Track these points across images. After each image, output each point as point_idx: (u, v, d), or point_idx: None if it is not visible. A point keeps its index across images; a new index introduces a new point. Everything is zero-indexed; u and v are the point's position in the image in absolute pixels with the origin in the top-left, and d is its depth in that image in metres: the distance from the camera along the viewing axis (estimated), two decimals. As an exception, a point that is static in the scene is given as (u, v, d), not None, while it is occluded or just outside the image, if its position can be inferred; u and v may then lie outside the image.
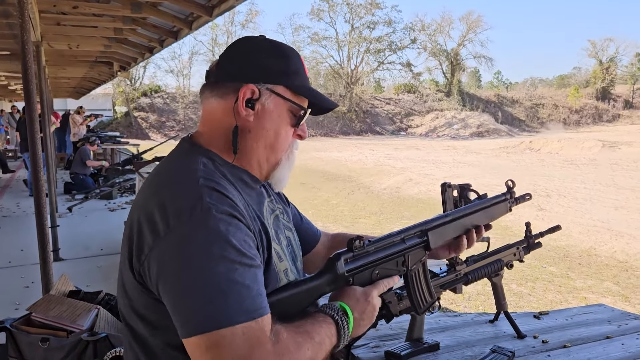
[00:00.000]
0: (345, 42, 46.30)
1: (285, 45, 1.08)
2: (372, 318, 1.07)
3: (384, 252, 1.14)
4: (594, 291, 5.49)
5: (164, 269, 0.88)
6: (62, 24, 5.77)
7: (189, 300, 0.85)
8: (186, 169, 0.97)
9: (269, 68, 1.03)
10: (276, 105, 1.04)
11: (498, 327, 1.73)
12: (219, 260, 0.85)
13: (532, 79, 67.72)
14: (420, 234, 1.23)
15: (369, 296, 1.06)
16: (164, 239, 0.88)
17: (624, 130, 37.36)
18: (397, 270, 1.17)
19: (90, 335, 1.83)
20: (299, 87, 1.06)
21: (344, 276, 1.05)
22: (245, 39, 1.08)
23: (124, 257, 0.98)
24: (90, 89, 16.37)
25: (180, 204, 0.90)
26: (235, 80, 1.02)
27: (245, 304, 0.85)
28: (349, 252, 1.07)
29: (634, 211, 9.50)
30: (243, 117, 1.02)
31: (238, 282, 0.85)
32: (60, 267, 4.60)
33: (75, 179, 9.04)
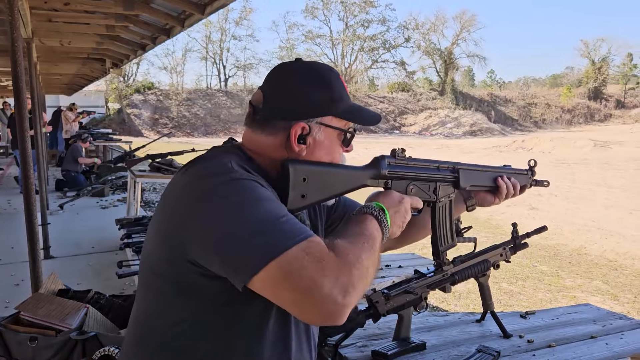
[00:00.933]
0: (339, 40, 46.32)
1: (325, 70, 1.11)
2: (404, 219, 1.14)
3: (420, 170, 1.25)
4: (584, 290, 5.54)
5: (211, 222, 0.90)
6: (54, 20, 5.73)
7: (246, 237, 0.87)
8: (220, 157, 1.01)
9: (316, 102, 1.07)
10: (326, 135, 1.09)
11: (485, 326, 1.75)
12: (261, 199, 0.91)
13: (525, 78, 68.03)
14: (453, 169, 1.33)
15: (403, 199, 1.15)
16: (202, 198, 0.92)
17: (615, 129, 37.62)
18: (428, 195, 1.28)
19: (79, 334, 1.83)
20: (345, 113, 1.10)
21: (384, 176, 1.18)
22: (286, 68, 1.11)
23: (164, 250, 0.98)
24: (83, 85, 16.25)
25: (212, 172, 0.95)
26: (284, 119, 1.06)
27: (297, 227, 0.89)
28: (392, 157, 1.20)
29: (624, 211, 9.58)
30: (297, 152, 1.06)
31: (284, 213, 0.91)
32: (51, 265, 4.59)
33: (66, 176, 8.99)
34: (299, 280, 0.83)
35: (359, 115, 1.13)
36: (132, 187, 5.96)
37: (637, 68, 53.13)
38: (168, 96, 40.15)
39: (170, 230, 0.96)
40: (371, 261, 0.94)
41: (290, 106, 1.06)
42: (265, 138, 1.07)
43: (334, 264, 0.86)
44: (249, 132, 1.10)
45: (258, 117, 1.08)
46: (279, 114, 1.06)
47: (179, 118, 38.35)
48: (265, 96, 1.08)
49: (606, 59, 51.40)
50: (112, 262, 4.37)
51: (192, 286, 0.96)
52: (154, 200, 9.45)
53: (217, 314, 0.97)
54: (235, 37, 47.63)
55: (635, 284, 5.72)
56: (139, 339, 1.05)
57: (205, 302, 0.97)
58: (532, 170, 1.58)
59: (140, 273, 1.10)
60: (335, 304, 0.83)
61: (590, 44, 51.96)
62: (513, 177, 1.50)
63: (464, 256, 1.66)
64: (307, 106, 1.06)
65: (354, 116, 1.12)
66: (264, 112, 1.07)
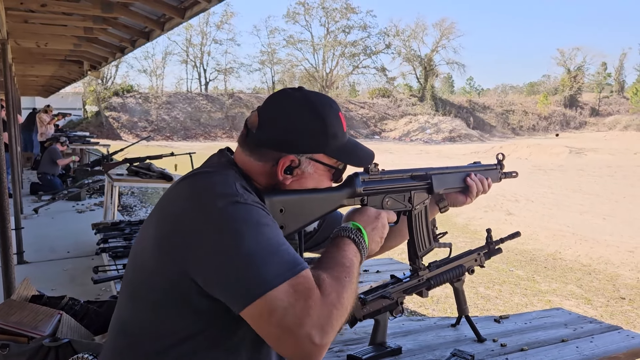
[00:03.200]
0: (320, 46, 46.48)
1: (324, 105, 1.10)
2: (382, 234, 1.16)
3: (394, 182, 1.27)
4: (558, 294, 5.64)
5: (210, 255, 0.90)
6: (30, 21, 5.64)
7: (239, 272, 0.88)
8: (223, 178, 1.01)
9: (309, 137, 1.07)
10: (316, 169, 1.10)
11: (460, 331, 1.78)
12: (257, 229, 0.91)
13: (503, 85, 69.20)
14: (425, 176, 1.36)
15: (379, 215, 1.16)
16: (207, 220, 0.92)
17: (590, 137, 38.44)
18: (403, 205, 1.31)
19: (52, 341, 1.80)
20: (337, 152, 1.11)
21: (360, 194, 1.19)
22: (285, 95, 1.11)
23: (157, 262, 0.97)
24: (60, 87, 16.00)
25: (218, 193, 0.95)
26: (275, 149, 1.06)
27: (289, 259, 0.91)
28: (365, 174, 1.21)
29: (598, 216, 9.79)
30: (281, 181, 1.08)
31: (280, 242, 0.92)
32: (24, 270, 4.50)
33: (42, 180, 8.82)
34: (283, 317, 0.86)
35: (351, 155, 1.14)
36: (109, 191, 5.88)
37: (611, 77, 54.44)
38: (147, 99, 39.73)
39: (172, 244, 0.95)
40: (350, 298, 0.96)
41: (282, 137, 1.06)
42: (253, 162, 1.08)
43: (318, 304, 0.88)
44: (240, 151, 1.11)
45: (249, 141, 1.09)
46: (271, 143, 1.07)
47: (158, 121, 37.97)
48: (260, 121, 1.08)
49: (581, 68, 52.56)
50: (87, 267, 4.30)
51: (189, 300, 0.96)
52: (132, 205, 9.34)
53: (215, 327, 0.98)
54: (216, 40, 47.43)
55: (608, 288, 5.85)
56: (124, 349, 1.03)
57: (202, 315, 0.97)
58: (500, 163, 1.62)
59: (128, 284, 1.06)
60: (313, 344, 0.85)
61: (566, 53, 53.14)
62: (483, 173, 1.54)
63: (439, 261, 1.68)
64: (299, 141, 1.07)
65: (345, 157, 1.13)
66: (256, 137, 1.08)
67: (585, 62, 53.20)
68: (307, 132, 1.07)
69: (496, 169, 1.61)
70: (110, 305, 2.44)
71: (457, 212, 9.91)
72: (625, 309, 5.21)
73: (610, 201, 11.42)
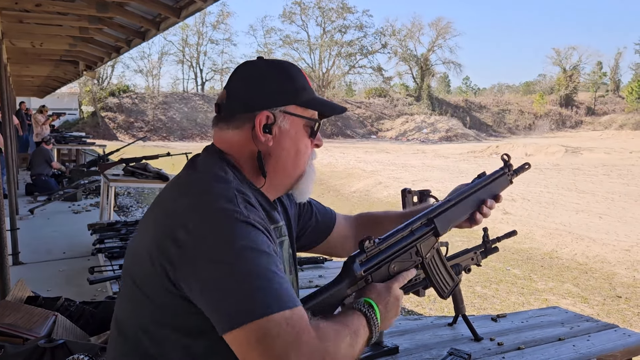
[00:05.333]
0: (317, 46, 46.47)
1: (286, 64, 1.13)
2: (397, 309, 1.11)
3: (395, 246, 1.18)
4: (555, 293, 5.65)
5: (204, 266, 0.88)
6: (25, 21, 5.62)
7: (232, 291, 0.86)
8: (221, 179, 1.00)
9: (278, 92, 1.08)
10: (292, 125, 1.09)
11: (456, 330, 1.77)
12: (259, 253, 0.89)
13: (500, 85, 69.26)
14: (427, 223, 1.27)
15: (390, 288, 1.10)
16: (203, 238, 0.90)
17: (586, 136, 38.56)
18: (412, 262, 1.22)
19: (48, 342, 1.79)
20: (309, 102, 1.11)
21: (361, 277, 1.10)
22: (248, 66, 1.12)
23: (153, 264, 0.95)
24: (56, 87, 15.94)
25: (217, 207, 0.93)
26: (248, 111, 1.06)
27: (285, 292, 0.87)
28: (362, 254, 1.12)
29: (594, 215, 9.82)
30: (262, 142, 1.06)
31: (277, 273, 0.89)
32: (20, 271, 4.48)
33: (37, 181, 8.78)
34: (271, 348, 0.82)
35: (323, 104, 1.15)
36: (105, 192, 5.86)
37: (607, 76, 54.61)
38: (144, 99, 39.64)
39: (161, 250, 0.93)
40: (346, 358, 0.91)
41: (253, 97, 1.07)
42: (232, 133, 1.08)
43: (312, 345, 0.85)
44: (217, 131, 1.11)
45: (223, 114, 1.09)
46: (243, 106, 1.07)
47: (154, 122, 37.89)
48: (228, 92, 1.09)
49: (577, 67, 52.67)
50: (83, 268, 4.28)
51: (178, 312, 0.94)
52: (128, 205, 9.32)
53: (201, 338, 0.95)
54: (212, 40, 47.41)
55: (604, 287, 5.87)
56: (127, 351, 1.01)
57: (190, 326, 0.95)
58: (508, 165, 1.50)
59: (124, 285, 1.06)
60: None
61: (562, 52, 53.24)
62: (491, 186, 1.44)
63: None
64: (269, 95, 1.07)
65: (318, 105, 1.13)
66: (228, 107, 1.09)
67: (580, 61, 53.36)
68: (276, 87, 1.08)
69: (505, 173, 1.48)
70: (106, 306, 2.43)
71: (454, 211, 9.90)
72: (622, 308, 5.23)
73: (606, 200, 11.45)
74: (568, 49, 53.34)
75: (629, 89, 48.00)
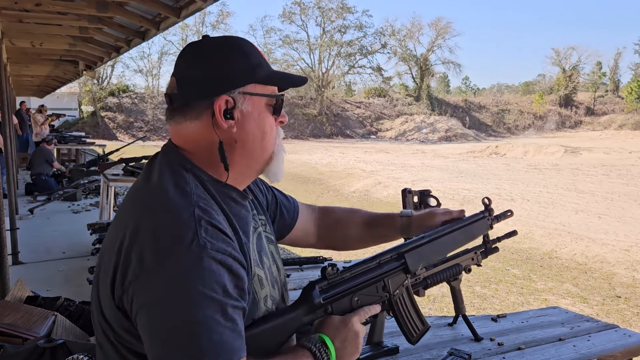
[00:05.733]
0: (316, 46, 46.44)
1: (237, 40, 1.03)
2: (356, 345, 1.04)
3: (360, 277, 1.11)
4: (554, 293, 5.65)
5: (146, 301, 0.84)
6: (25, 21, 5.61)
7: (169, 338, 0.83)
8: (181, 193, 0.92)
9: (233, 72, 0.98)
10: (253, 105, 1.00)
11: (457, 330, 1.77)
12: (207, 301, 0.83)
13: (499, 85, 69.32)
14: (397, 257, 1.20)
15: (348, 323, 1.04)
16: (152, 271, 0.84)
17: (585, 136, 38.59)
18: (378, 297, 1.14)
19: (47, 342, 1.79)
20: (267, 77, 1.02)
21: (320, 305, 1.04)
22: (195, 47, 1.02)
23: (105, 276, 0.92)
24: (55, 87, 15.94)
25: (175, 233, 0.86)
26: (205, 98, 0.97)
27: (226, 346, 0.83)
28: (323, 281, 1.06)
29: (593, 215, 9.82)
30: (225, 129, 0.98)
31: (222, 323, 0.84)
32: (20, 271, 4.47)
33: (37, 181, 8.78)
34: None
35: (283, 78, 1.06)
36: (105, 191, 5.86)
37: (606, 76, 54.63)
38: (143, 99, 39.62)
39: (117, 265, 0.89)
40: None
41: (207, 82, 0.97)
42: (191, 125, 0.99)
43: None
44: (174, 126, 1.01)
45: (176, 104, 1.00)
46: (197, 93, 0.97)
47: (154, 121, 37.87)
48: (178, 80, 0.99)
49: (576, 67, 52.68)
50: (83, 267, 4.28)
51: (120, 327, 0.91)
52: (128, 205, 9.31)
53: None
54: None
55: (603, 287, 5.87)
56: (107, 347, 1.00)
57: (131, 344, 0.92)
58: (488, 210, 1.44)
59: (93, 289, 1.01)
60: None
61: (561, 52, 53.25)
62: (468, 228, 1.38)
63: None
64: (225, 77, 0.97)
65: (279, 80, 1.04)
66: (181, 96, 0.99)
67: (580, 61, 53.38)
68: (230, 67, 0.98)
69: (485, 217, 1.42)
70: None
71: (454, 211, 9.91)
72: (621, 308, 5.23)
73: (606, 200, 11.46)
74: (567, 49, 53.41)
75: (629, 89, 48.01)
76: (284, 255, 6.47)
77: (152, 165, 1.01)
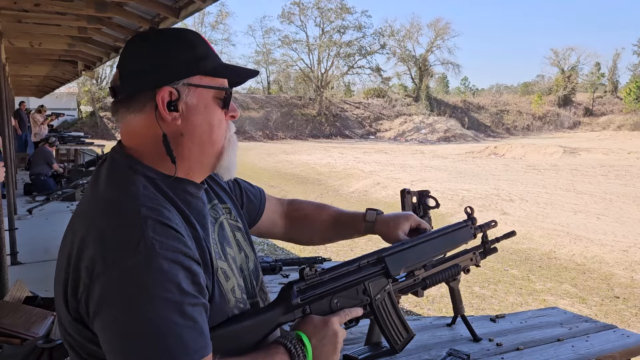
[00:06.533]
0: (315, 46, 46.43)
1: (182, 31, 1.01)
2: (335, 344, 1.03)
3: (340, 280, 1.11)
4: (553, 293, 5.66)
5: (101, 308, 0.83)
6: (24, 21, 5.61)
7: (126, 343, 0.81)
8: (126, 195, 0.90)
9: (177, 63, 0.95)
10: (199, 97, 0.96)
11: (455, 330, 1.78)
12: (161, 302, 0.81)
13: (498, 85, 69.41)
14: (377, 261, 1.19)
15: (328, 322, 1.03)
16: (102, 277, 0.82)
17: (584, 136, 38.63)
18: (359, 300, 1.14)
19: (46, 342, 1.79)
20: (215, 69, 0.98)
21: (298, 305, 1.04)
22: (139, 39, 0.99)
23: (58, 287, 0.90)
24: (54, 87, 15.93)
25: (121, 238, 0.84)
26: (147, 89, 0.94)
27: (185, 346, 0.82)
28: (301, 281, 1.05)
29: (592, 216, 9.83)
30: (170, 122, 0.95)
31: (179, 323, 0.82)
32: (18, 272, 4.47)
33: (36, 181, 8.78)
34: None
35: (230, 70, 1.02)
36: (103, 192, 5.85)
37: (605, 77, 54.71)
38: (142, 99, 39.58)
39: (72, 268, 0.87)
40: None
41: (150, 72, 0.94)
42: (135, 119, 0.96)
43: None
44: (120, 120, 0.99)
45: (120, 96, 0.97)
46: (140, 84, 0.95)
47: (153, 122, 37.85)
48: (121, 72, 0.97)
49: (575, 68, 52.74)
50: (82, 268, 4.27)
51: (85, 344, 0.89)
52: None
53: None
54: (211, 40, 47.25)
55: (602, 287, 5.87)
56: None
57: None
58: (471, 218, 1.43)
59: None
60: None
61: (560, 53, 53.31)
62: (451, 235, 1.38)
63: (434, 261, 1.67)
64: (168, 68, 0.95)
65: (225, 71, 1.01)
66: (123, 87, 0.96)
67: (578, 62, 53.45)
68: (174, 58, 0.95)
69: (467, 226, 1.42)
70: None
71: (452, 211, 9.93)
72: (620, 308, 5.23)
73: (604, 200, 11.47)
74: (566, 49, 53.45)
75: (627, 89, 48.06)
76: (283, 255, 6.46)
77: (98, 173, 0.98)
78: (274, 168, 18.17)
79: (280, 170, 17.96)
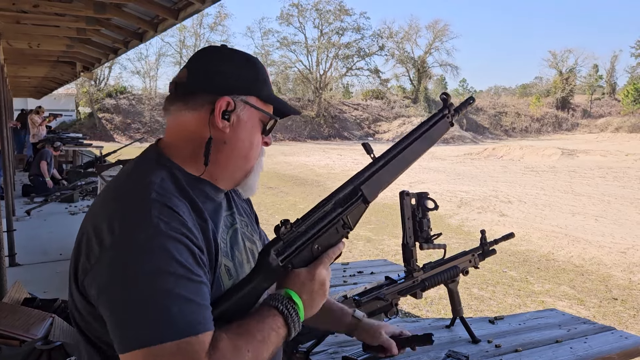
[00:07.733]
0: (314, 48, 46.49)
1: (250, 55, 1.09)
2: (324, 294, 1.04)
3: (317, 225, 1.07)
4: (551, 295, 5.66)
5: (105, 282, 0.87)
6: (22, 22, 5.60)
7: (128, 314, 0.84)
8: (142, 182, 0.95)
9: (241, 79, 1.04)
10: (250, 116, 1.05)
11: (454, 332, 1.78)
12: (163, 275, 0.85)
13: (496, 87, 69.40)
14: (352, 192, 1.13)
15: (314, 274, 1.02)
16: (108, 251, 0.87)
17: (582, 138, 38.72)
18: (340, 235, 1.10)
19: (44, 344, 1.78)
20: (269, 96, 1.08)
21: (279, 267, 1.01)
22: (212, 49, 1.08)
23: (71, 269, 0.97)
24: (53, 88, 15.91)
25: (128, 215, 0.90)
26: (210, 92, 1.02)
27: (187, 318, 0.84)
28: (278, 242, 1.02)
29: (590, 217, 9.85)
30: (219, 129, 1.01)
31: (181, 296, 0.85)
32: (16, 273, 4.46)
33: (34, 182, 8.77)
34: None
35: (280, 102, 1.10)
36: (102, 193, 5.85)
37: (603, 79, 54.86)
38: (141, 101, 39.58)
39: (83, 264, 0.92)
40: None
41: (216, 79, 1.03)
42: (188, 115, 1.03)
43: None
44: (173, 112, 1.05)
45: (180, 91, 1.04)
46: (205, 86, 1.02)
47: (151, 123, 37.82)
48: (190, 71, 1.04)
49: (573, 70, 52.90)
50: (80, 269, 4.26)
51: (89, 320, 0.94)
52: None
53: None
54: (209, 42, 47.32)
55: (600, 289, 5.88)
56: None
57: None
58: (448, 106, 1.31)
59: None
60: None
61: (558, 55, 53.45)
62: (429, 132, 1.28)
63: (433, 263, 1.68)
64: (233, 81, 1.03)
65: (276, 102, 1.09)
66: (188, 85, 1.03)
67: (576, 64, 53.61)
68: (241, 74, 1.04)
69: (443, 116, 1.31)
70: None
71: (451, 213, 9.94)
72: (618, 310, 5.24)
73: (602, 202, 11.49)
74: (564, 51, 53.59)
75: (625, 91, 48.21)
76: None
77: (127, 165, 1.06)
78: (273, 169, 18.17)
79: (278, 172, 17.96)
